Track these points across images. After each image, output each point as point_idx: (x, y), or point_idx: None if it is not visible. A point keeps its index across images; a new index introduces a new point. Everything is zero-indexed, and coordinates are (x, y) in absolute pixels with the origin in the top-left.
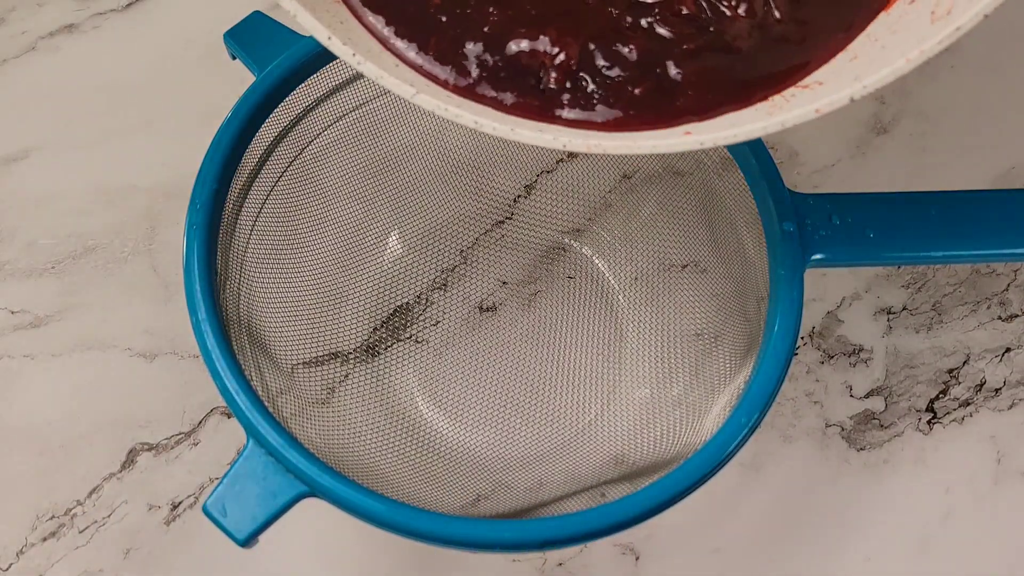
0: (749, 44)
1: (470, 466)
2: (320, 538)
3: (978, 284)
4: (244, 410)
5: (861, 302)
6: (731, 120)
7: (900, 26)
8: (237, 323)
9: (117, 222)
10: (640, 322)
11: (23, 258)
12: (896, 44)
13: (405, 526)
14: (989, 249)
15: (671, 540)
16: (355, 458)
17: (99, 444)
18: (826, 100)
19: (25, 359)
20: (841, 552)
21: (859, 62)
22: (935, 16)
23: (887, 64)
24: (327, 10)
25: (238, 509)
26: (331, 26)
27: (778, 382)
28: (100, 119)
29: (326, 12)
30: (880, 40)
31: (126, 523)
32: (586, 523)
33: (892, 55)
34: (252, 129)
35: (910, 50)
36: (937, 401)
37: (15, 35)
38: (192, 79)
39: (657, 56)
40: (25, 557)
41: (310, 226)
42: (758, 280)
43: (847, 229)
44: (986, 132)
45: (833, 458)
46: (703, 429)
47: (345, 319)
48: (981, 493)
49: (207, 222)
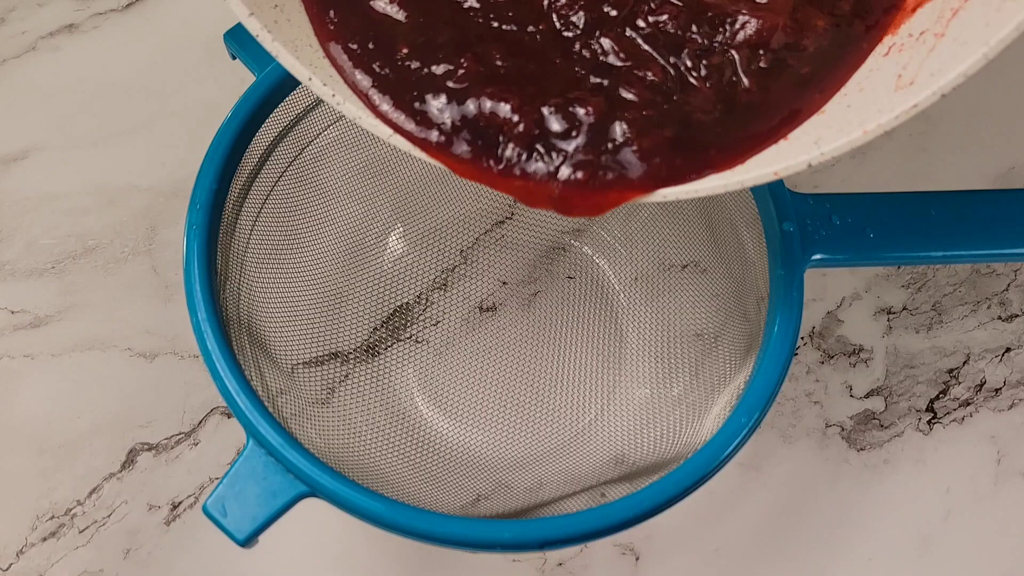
0: (712, 117)
1: (470, 466)
2: (320, 538)
3: (978, 284)
4: (244, 410)
5: (861, 302)
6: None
7: (868, 83)
8: (237, 323)
9: (117, 222)
10: (640, 322)
11: (23, 258)
12: (860, 105)
13: (405, 526)
14: (989, 249)
15: (671, 540)
16: (355, 458)
17: (99, 444)
18: (783, 165)
19: (25, 359)
20: (841, 552)
21: (824, 118)
22: (900, 82)
23: (846, 132)
24: (308, 47)
25: (238, 509)
26: (311, 65)
27: (778, 382)
28: (100, 119)
29: (308, 49)
30: (848, 96)
31: (126, 523)
32: (586, 523)
33: (854, 120)
34: (252, 129)
35: (869, 121)
36: (937, 401)
37: (15, 35)
38: (192, 79)
39: (614, 121)
40: (25, 557)
41: (310, 226)
42: (758, 280)
43: (847, 229)
44: (986, 132)
45: (833, 458)
46: (703, 429)
47: (345, 319)
48: (981, 493)
49: (207, 222)
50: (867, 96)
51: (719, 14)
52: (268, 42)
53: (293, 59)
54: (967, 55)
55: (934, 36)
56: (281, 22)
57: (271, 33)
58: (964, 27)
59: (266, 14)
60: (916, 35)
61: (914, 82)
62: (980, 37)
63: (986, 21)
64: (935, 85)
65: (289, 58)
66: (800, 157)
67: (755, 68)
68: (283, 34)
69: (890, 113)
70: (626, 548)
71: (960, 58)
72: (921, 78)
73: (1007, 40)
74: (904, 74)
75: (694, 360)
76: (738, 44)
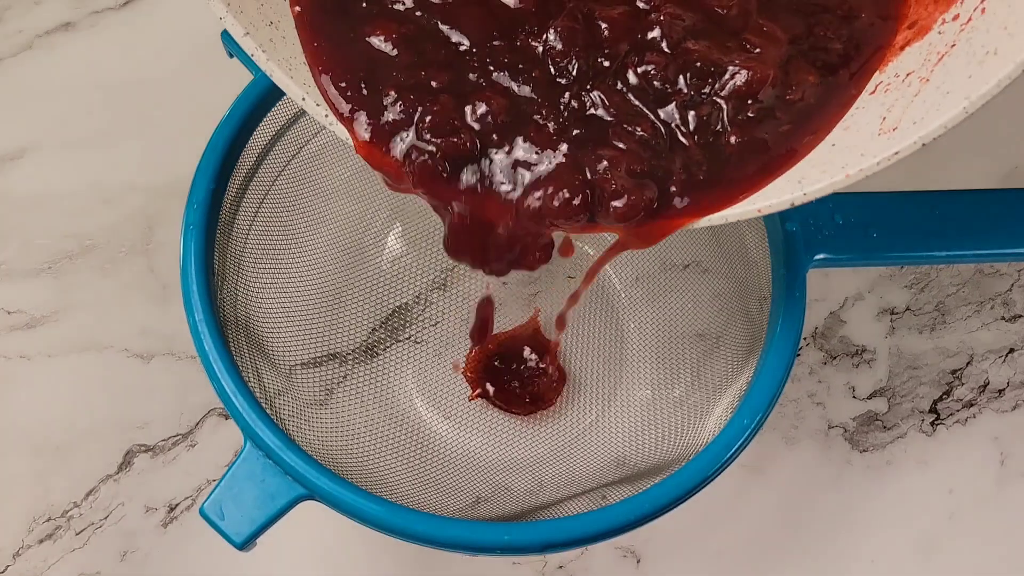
0: (699, 171)
1: (469, 468)
2: (318, 540)
3: (982, 284)
4: (242, 413)
5: (864, 302)
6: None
7: (854, 122)
8: (235, 324)
9: (114, 222)
10: (641, 322)
11: (19, 258)
12: (845, 145)
13: (403, 529)
14: (993, 249)
15: (672, 542)
16: (353, 460)
17: (96, 446)
18: (766, 203)
19: (21, 360)
20: (844, 554)
21: (810, 155)
22: (884, 125)
23: (829, 174)
24: (302, 66)
25: (236, 512)
26: (305, 84)
27: (780, 384)
28: (97, 118)
29: (303, 68)
30: (834, 134)
31: (123, 525)
32: (586, 526)
33: (837, 162)
34: (250, 128)
35: (851, 164)
36: (940, 402)
37: (11, 34)
38: (189, 77)
39: (597, 174)
40: (22, 559)
41: (308, 226)
42: (760, 280)
43: (850, 229)
44: (989, 133)
45: (836, 459)
46: (704, 431)
47: (343, 319)
48: (984, 494)
49: (204, 222)
50: (852, 136)
51: (709, 64)
52: (263, 62)
53: (287, 79)
54: (949, 107)
55: (919, 80)
56: (276, 40)
57: (266, 53)
58: (948, 75)
59: (261, 32)
60: (903, 76)
61: (897, 128)
62: (962, 90)
63: (969, 73)
64: (916, 135)
65: (284, 78)
66: (783, 196)
67: (742, 119)
68: (278, 53)
69: (872, 159)
70: (627, 550)
71: (942, 109)
72: (904, 124)
73: (988, 96)
74: (888, 117)
75: (696, 361)
76: (727, 95)
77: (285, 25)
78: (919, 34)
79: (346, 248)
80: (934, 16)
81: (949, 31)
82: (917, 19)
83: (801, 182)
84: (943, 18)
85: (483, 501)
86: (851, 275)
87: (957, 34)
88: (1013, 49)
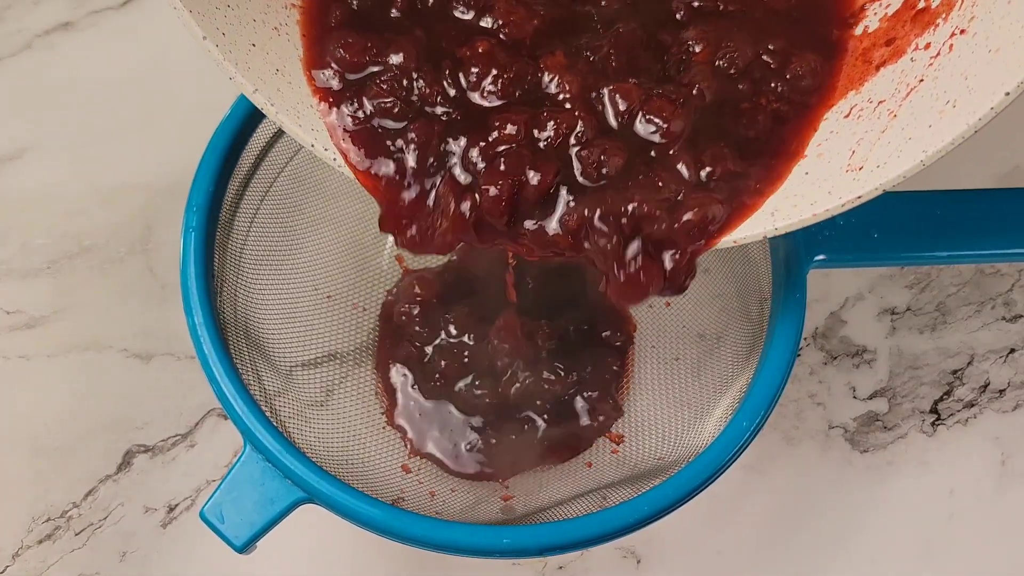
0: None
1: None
2: (317, 541)
3: (982, 284)
4: (242, 416)
5: (864, 303)
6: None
7: (827, 149)
8: (234, 325)
9: (113, 221)
10: (641, 323)
11: (18, 258)
12: (816, 176)
13: (402, 532)
14: (995, 249)
15: (673, 543)
16: (353, 461)
17: (95, 446)
18: (741, 235)
19: (20, 360)
20: (844, 555)
21: (785, 182)
22: (852, 160)
23: (799, 211)
24: (309, 108)
25: (236, 515)
26: (314, 130)
27: (781, 384)
28: (96, 117)
29: (309, 111)
30: (807, 160)
31: (122, 526)
32: (586, 529)
33: (807, 196)
34: (250, 128)
35: (819, 203)
36: (941, 402)
37: (11, 33)
38: (189, 77)
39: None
40: (21, 560)
41: (308, 225)
42: (761, 280)
43: (851, 229)
44: (989, 133)
45: (836, 460)
46: (705, 432)
47: (343, 319)
48: (985, 495)
49: (204, 224)
50: (823, 166)
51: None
52: (273, 115)
53: (296, 127)
54: (908, 157)
55: (888, 114)
56: (283, 88)
57: (275, 105)
58: (913, 117)
59: (269, 84)
60: (875, 104)
61: (863, 168)
62: (921, 140)
63: (929, 122)
64: (878, 181)
65: (293, 127)
66: (757, 229)
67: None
68: (286, 101)
69: (837, 200)
70: (627, 551)
71: (903, 158)
72: (868, 166)
73: (943, 152)
74: (857, 152)
75: (696, 361)
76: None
77: (291, 70)
78: (895, 55)
79: (346, 248)
80: (909, 38)
81: (920, 61)
82: (895, 36)
83: (774, 215)
84: (916, 43)
85: (482, 503)
86: (851, 275)
87: (926, 68)
88: (970, 107)
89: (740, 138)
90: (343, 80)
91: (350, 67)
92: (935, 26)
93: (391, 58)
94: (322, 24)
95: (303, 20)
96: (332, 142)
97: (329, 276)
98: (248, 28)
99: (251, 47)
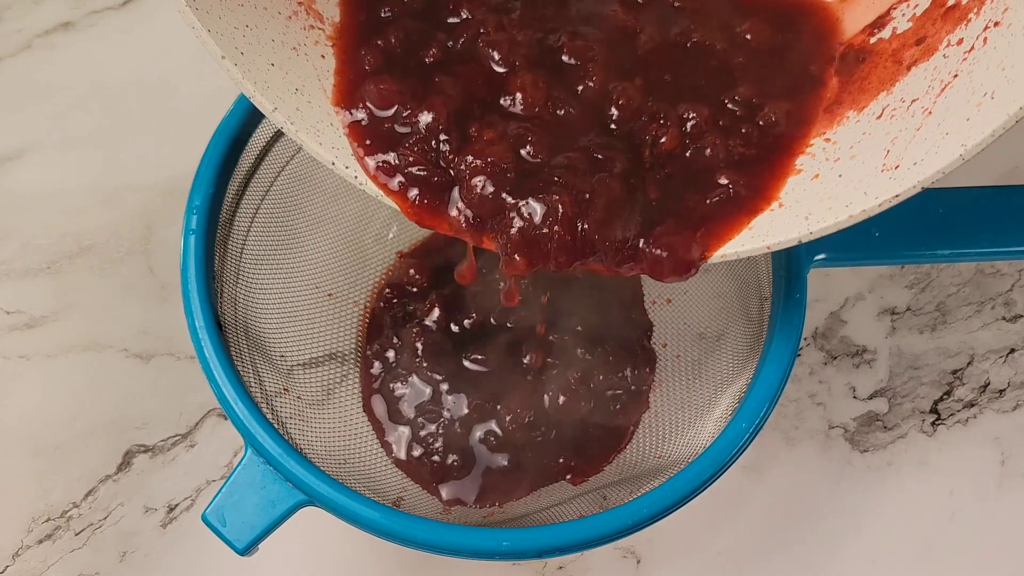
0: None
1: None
2: (317, 541)
3: (982, 284)
4: (243, 420)
5: (865, 303)
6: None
7: (860, 151)
8: (235, 325)
9: (113, 221)
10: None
11: (18, 258)
12: (850, 178)
13: (403, 535)
14: (996, 247)
15: (673, 543)
16: (353, 461)
17: (95, 446)
18: (775, 240)
19: (20, 360)
20: (844, 555)
21: (817, 187)
22: (888, 160)
23: (834, 213)
24: (329, 127)
25: (237, 518)
26: (334, 148)
27: (780, 385)
28: (96, 118)
29: (329, 129)
30: (841, 162)
31: (122, 526)
32: (585, 531)
33: (842, 197)
34: (250, 128)
35: (855, 204)
36: (941, 402)
37: (11, 33)
38: (189, 77)
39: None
40: (21, 560)
41: (308, 225)
42: (761, 280)
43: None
44: None
45: (836, 460)
46: (704, 432)
47: (343, 319)
48: (985, 495)
49: (204, 225)
50: (857, 167)
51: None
52: (293, 134)
53: (317, 146)
54: (946, 152)
55: (923, 112)
56: (303, 107)
57: (294, 125)
58: (949, 112)
59: (288, 103)
60: (908, 103)
61: (899, 167)
62: (960, 133)
63: (967, 115)
64: (916, 178)
65: (314, 146)
66: (791, 234)
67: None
68: (306, 120)
69: (874, 200)
70: (627, 551)
71: (941, 154)
72: (905, 164)
73: (983, 145)
74: (892, 151)
75: (696, 361)
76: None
77: (310, 90)
78: (926, 53)
79: (346, 247)
80: (940, 35)
81: (953, 56)
82: (925, 35)
83: (808, 219)
84: (948, 39)
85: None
86: (851, 275)
87: (960, 63)
88: (1009, 97)
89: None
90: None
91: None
92: (967, 21)
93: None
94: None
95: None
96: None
97: (330, 275)
98: (267, 48)
99: (270, 66)
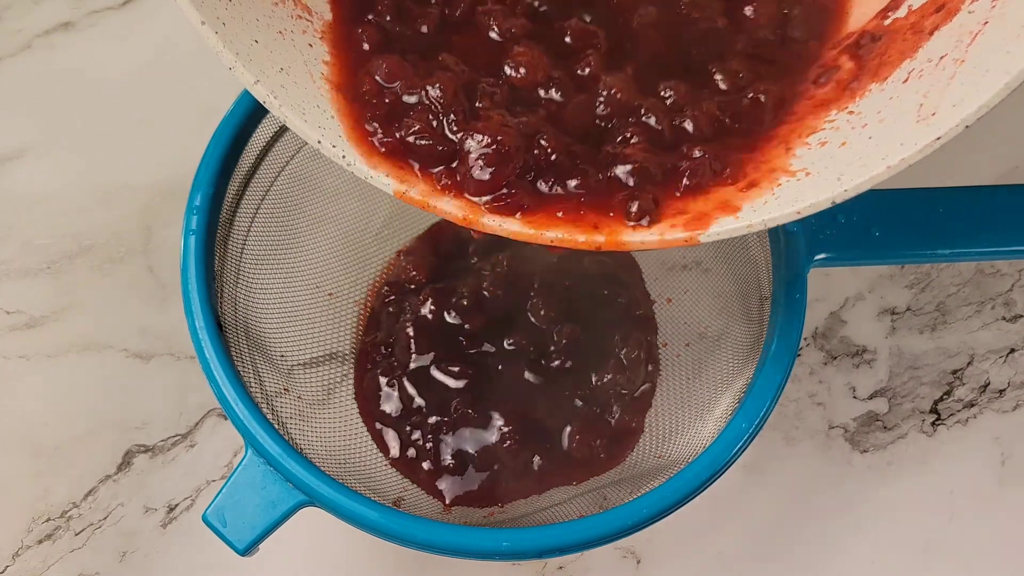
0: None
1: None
2: (318, 541)
3: (982, 284)
4: (243, 420)
5: (865, 303)
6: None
7: (888, 113)
8: (235, 325)
9: (113, 221)
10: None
11: (18, 258)
12: (882, 137)
13: (403, 536)
14: (996, 246)
15: (673, 543)
16: (353, 461)
17: (95, 446)
18: (806, 203)
19: (20, 360)
20: (844, 555)
21: (846, 152)
22: (922, 111)
23: (869, 168)
24: (315, 108)
25: (238, 519)
26: (320, 128)
27: (780, 385)
28: (96, 118)
29: (316, 110)
30: (869, 127)
31: (122, 526)
32: (585, 531)
33: (875, 154)
34: (250, 128)
35: (892, 155)
36: (941, 402)
37: (11, 33)
38: (189, 77)
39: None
40: (21, 560)
41: (308, 225)
42: (761, 280)
43: (852, 228)
44: (989, 131)
45: (836, 460)
46: (704, 432)
47: (343, 319)
48: (985, 495)
49: (204, 225)
50: (888, 128)
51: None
52: (276, 109)
53: (302, 122)
54: (989, 85)
55: (954, 62)
56: (288, 85)
57: (277, 99)
58: (985, 53)
59: (272, 79)
60: (936, 60)
61: (936, 113)
62: (1002, 66)
63: (1007, 48)
64: (958, 116)
65: (299, 123)
66: (823, 195)
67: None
68: (290, 98)
69: (913, 147)
70: (627, 551)
71: (982, 89)
72: (943, 108)
73: None
74: (926, 103)
75: (696, 361)
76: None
77: (296, 71)
78: (947, 16)
79: (346, 247)
80: None
81: (980, 9)
82: (945, 2)
83: (840, 179)
84: None
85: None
86: (851, 275)
87: (989, 11)
88: None
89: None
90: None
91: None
92: None
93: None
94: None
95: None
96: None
97: (330, 274)
98: (251, 25)
99: (253, 43)
